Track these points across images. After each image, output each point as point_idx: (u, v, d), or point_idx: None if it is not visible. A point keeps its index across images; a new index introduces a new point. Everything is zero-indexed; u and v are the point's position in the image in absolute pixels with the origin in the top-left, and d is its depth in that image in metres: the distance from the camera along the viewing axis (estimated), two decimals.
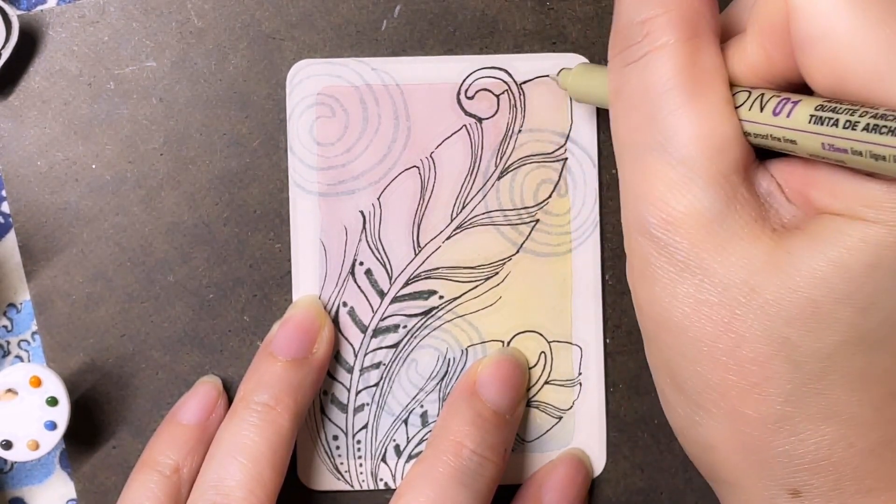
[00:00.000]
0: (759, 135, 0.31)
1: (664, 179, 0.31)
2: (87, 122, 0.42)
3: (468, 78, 0.42)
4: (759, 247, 0.30)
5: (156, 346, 0.43)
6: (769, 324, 0.29)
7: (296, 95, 0.42)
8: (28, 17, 0.42)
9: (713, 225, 0.30)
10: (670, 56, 0.31)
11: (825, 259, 0.29)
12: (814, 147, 0.28)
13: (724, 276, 0.30)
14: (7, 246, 0.43)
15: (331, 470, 0.43)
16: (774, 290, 0.29)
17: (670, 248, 0.31)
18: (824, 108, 0.28)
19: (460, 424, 0.39)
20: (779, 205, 0.31)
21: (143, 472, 0.40)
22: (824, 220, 0.29)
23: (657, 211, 0.31)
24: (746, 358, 0.30)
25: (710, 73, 0.31)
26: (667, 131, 0.31)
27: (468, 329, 0.43)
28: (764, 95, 0.31)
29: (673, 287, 0.31)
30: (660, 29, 0.32)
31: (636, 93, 0.32)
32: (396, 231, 0.42)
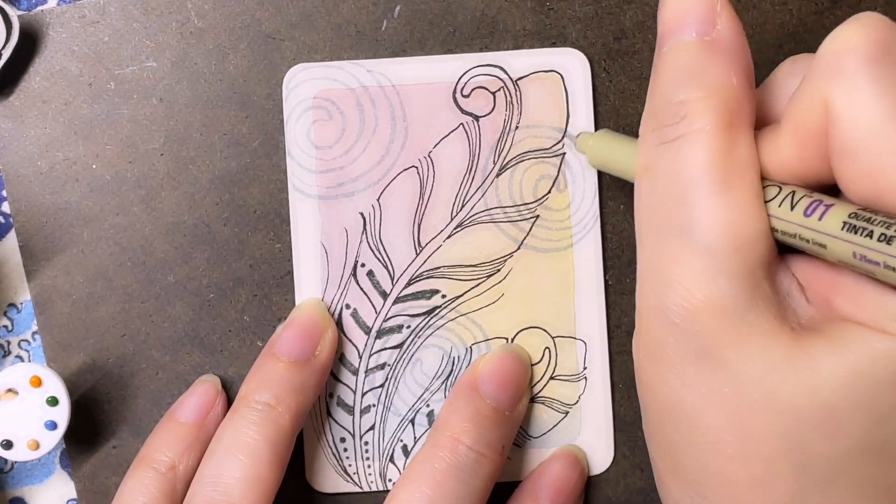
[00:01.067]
0: (787, 233, 0.30)
1: (688, 266, 0.30)
2: (88, 122, 0.42)
3: (463, 76, 0.42)
4: (778, 344, 0.29)
5: (156, 346, 0.43)
6: (782, 423, 0.29)
7: (292, 99, 0.42)
8: (28, 18, 0.42)
9: (734, 318, 0.30)
10: (707, 142, 0.31)
11: (847, 366, 0.28)
12: (844, 254, 0.28)
13: (741, 369, 0.30)
14: (7, 246, 0.43)
15: (339, 472, 0.43)
16: (791, 389, 0.29)
17: (688, 336, 0.30)
18: (859, 216, 0.28)
19: (458, 421, 0.39)
20: (797, 304, 0.31)
21: (140, 469, 0.40)
22: (848, 327, 0.29)
23: (678, 297, 0.30)
24: (754, 453, 0.30)
25: (743, 165, 0.31)
26: (696, 218, 0.30)
27: (472, 327, 0.43)
28: (795, 193, 0.30)
29: (685, 374, 0.31)
30: (699, 113, 0.31)
31: (667, 174, 0.31)
32: (397, 231, 0.42)
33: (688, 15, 0.32)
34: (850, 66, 0.29)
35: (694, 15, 0.32)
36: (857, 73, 0.28)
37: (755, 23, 0.42)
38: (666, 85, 0.32)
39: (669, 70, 0.32)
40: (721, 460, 0.30)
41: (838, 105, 0.29)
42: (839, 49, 0.29)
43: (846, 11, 0.42)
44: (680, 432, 0.31)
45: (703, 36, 0.32)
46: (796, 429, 0.29)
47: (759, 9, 0.42)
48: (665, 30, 0.33)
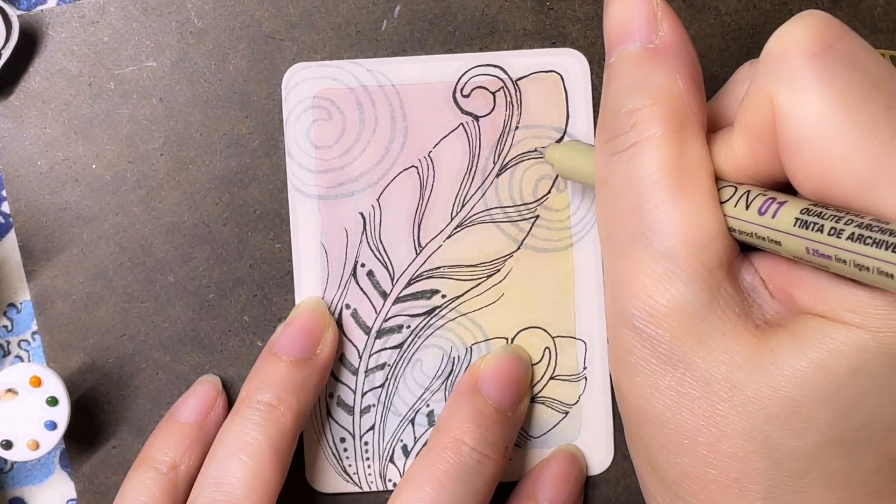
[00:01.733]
0: (743, 232, 0.30)
1: (647, 272, 0.31)
2: (88, 122, 0.42)
3: (463, 76, 0.42)
4: (741, 343, 0.30)
5: (156, 346, 0.43)
6: (749, 421, 0.29)
7: (292, 99, 0.42)
8: (28, 17, 0.42)
9: (696, 319, 0.30)
10: (657, 149, 0.31)
11: (807, 360, 0.29)
12: (798, 250, 0.28)
13: (706, 370, 0.30)
14: (7, 246, 0.43)
15: (339, 472, 0.43)
16: (756, 387, 0.29)
17: (653, 341, 0.31)
18: (810, 212, 0.28)
19: (461, 421, 0.39)
20: (762, 300, 0.31)
21: (141, 469, 0.40)
22: (807, 320, 0.29)
23: (640, 303, 0.31)
24: (726, 453, 0.30)
25: (696, 168, 0.31)
26: (651, 224, 0.31)
27: (472, 327, 0.43)
28: (750, 193, 0.30)
29: (654, 379, 0.31)
30: (647, 120, 0.31)
31: (622, 184, 0.32)
32: (397, 231, 0.42)
33: (630, 25, 0.33)
34: (792, 63, 0.29)
35: (636, 24, 0.33)
36: (800, 69, 0.29)
37: (755, 23, 0.42)
38: (614, 96, 0.33)
39: (617, 81, 0.33)
40: (695, 461, 0.31)
41: (783, 102, 0.29)
42: (782, 47, 0.29)
43: (846, 11, 0.42)
44: (654, 437, 0.32)
45: (647, 44, 0.33)
46: (764, 426, 0.29)
47: (759, 9, 0.42)
48: (610, 42, 0.33)
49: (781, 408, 0.29)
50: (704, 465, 0.30)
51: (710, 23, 0.42)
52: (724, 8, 0.42)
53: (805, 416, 0.29)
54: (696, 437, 0.30)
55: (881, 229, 0.26)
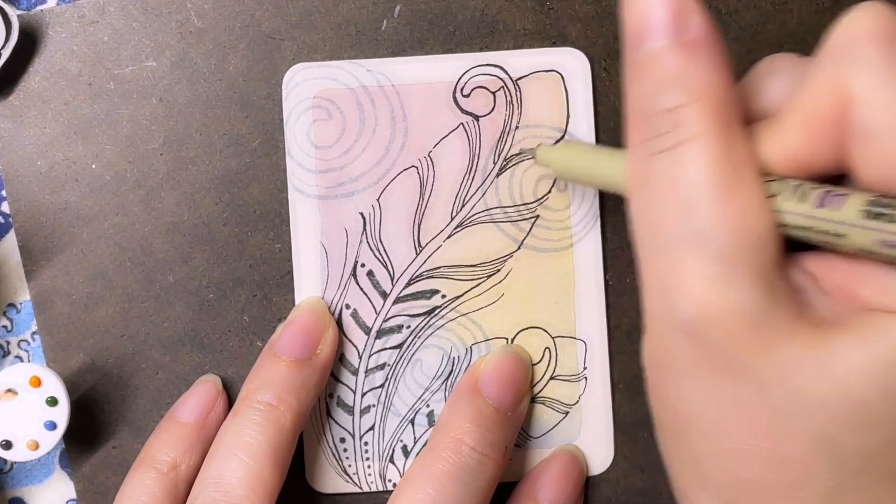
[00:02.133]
0: (798, 226, 0.29)
1: (702, 273, 0.29)
2: (87, 122, 0.42)
3: (463, 76, 0.42)
4: (802, 343, 0.29)
5: (156, 346, 0.43)
6: (813, 422, 0.28)
7: (292, 99, 0.42)
8: (28, 17, 0.42)
9: (755, 323, 0.29)
10: (707, 147, 0.30)
11: (874, 357, 0.28)
12: (866, 243, 0.28)
13: (766, 375, 0.29)
14: (7, 246, 0.43)
15: (339, 472, 0.43)
16: (821, 388, 0.28)
17: (709, 346, 0.30)
18: (880, 203, 0.27)
19: (461, 421, 0.39)
20: (814, 298, 0.30)
21: (141, 469, 0.40)
22: (873, 317, 0.28)
23: (693, 308, 0.29)
24: (788, 456, 0.29)
25: (744, 164, 0.30)
26: (705, 224, 0.29)
27: (472, 327, 0.43)
28: (804, 186, 0.29)
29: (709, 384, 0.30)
30: (691, 119, 0.30)
31: (668, 184, 0.30)
32: (397, 231, 0.42)
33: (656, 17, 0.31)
34: (866, 49, 0.28)
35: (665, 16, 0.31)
36: (875, 56, 0.28)
37: (755, 23, 0.42)
38: (649, 93, 0.31)
39: (650, 78, 0.31)
40: (753, 466, 0.30)
41: (857, 88, 0.28)
42: (851, 35, 0.29)
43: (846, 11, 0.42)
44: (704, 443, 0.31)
45: (679, 37, 0.31)
46: (828, 426, 0.28)
47: (760, 9, 0.42)
48: (635, 35, 0.32)
49: (847, 407, 0.28)
50: (763, 470, 0.30)
51: None
52: (723, 8, 0.42)
53: (873, 415, 0.28)
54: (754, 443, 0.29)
55: None
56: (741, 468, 0.30)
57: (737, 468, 0.30)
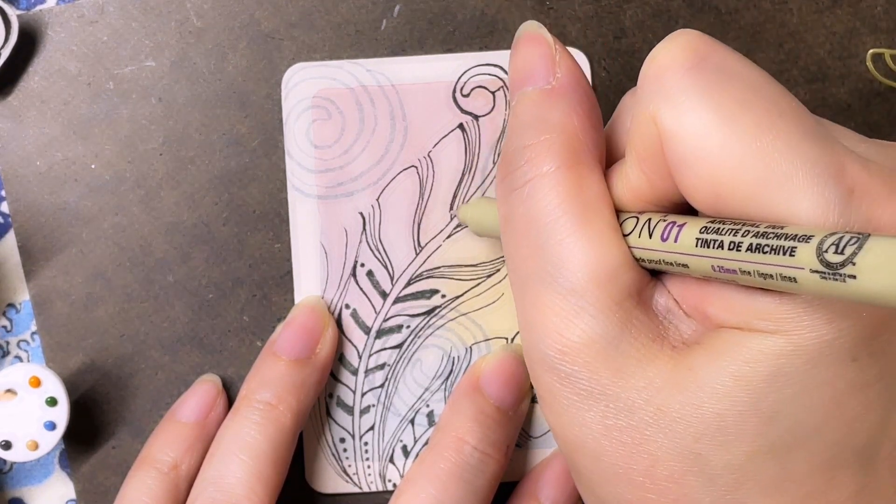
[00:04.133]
0: (651, 260, 0.30)
1: (556, 310, 0.30)
2: (87, 121, 0.42)
3: (463, 76, 0.42)
4: (658, 367, 0.30)
5: (155, 346, 0.43)
6: (679, 441, 0.29)
7: (291, 99, 0.42)
8: (27, 17, 0.42)
9: (609, 351, 0.30)
10: (554, 184, 0.31)
11: (726, 373, 0.28)
12: (705, 269, 0.28)
13: (628, 399, 0.30)
14: (6, 246, 0.43)
15: (339, 472, 0.43)
16: (679, 407, 0.29)
17: (571, 378, 0.30)
18: (708, 229, 0.28)
19: (462, 421, 0.39)
20: (679, 321, 0.31)
21: (141, 469, 0.40)
22: (722, 334, 0.29)
23: (552, 342, 0.30)
24: (662, 476, 0.30)
25: (594, 201, 0.31)
26: (555, 261, 0.31)
27: (472, 327, 0.43)
28: (651, 220, 0.30)
29: (580, 415, 0.31)
30: (541, 155, 0.32)
31: (521, 221, 0.32)
32: (397, 231, 0.42)
33: (531, 68, 0.34)
34: (668, 81, 0.29)
35: (536, 67, 0.34)
36: (677, 86, 0.29)
37: (755, 22, 0.42)
38: (513, 134, 0.33)
39: (516, 121, 0.33)
40: (633, 489, 0.30)
41: (665, 121, 0.29)
42: (657, 67, 0.29)
43: (846, 10, 0.42)
44: (592, 469, 0.31)
45: (545, 85, 0.33)
46: (694, 444, 0.29)
47: (760, 8, 0.42)
48: (513, 85, 0.34)
49: (707, 424, 0.29)
50: (643, 492, 0.30)
51: (710, 22, 0.42)
52: (724, 7, 0.42)
53: (732, 429, 0.28)
54: (631, 466, 0.30)
55: (776, 234, 0.26)
56: (625, 492, 0.31)
57: (622, 492, 0.31)
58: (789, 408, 0.28)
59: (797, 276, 0.25)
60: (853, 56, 0.43)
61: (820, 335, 0.27)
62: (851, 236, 0.24)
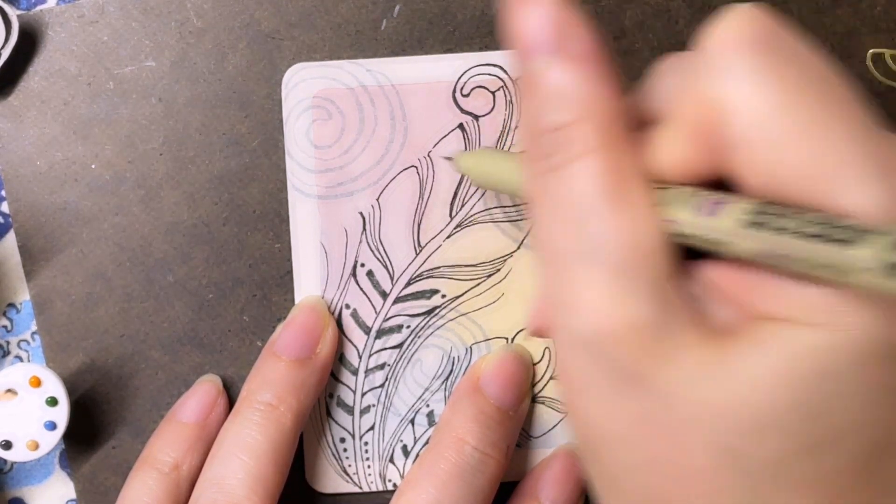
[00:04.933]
0: (688, 235, 0.29)
1: (596, 289, 0.29)
2: (87, 121, 0.42)
3: (463, 76, 0.42)
4: (698, 355, 0.28)
5: (155, 346, 0.43)
6: (715, 435, 0.28)
7: (291, 99, 0.42)
8: (27, 17, 0.42)
9: (651, 335, 0.29)
10: (593, 164, 0.30)
11: (769, 367, 0.27)
12: (748, 250, 0.27)
13: (667, 388, 0.29)
14: (7, 246, 0.43)
15: (339, 472, 0.43)
16: (719, 399, 0.28)
17: (608, 361, 0.29)
18: (759, 210, 0.27)
19: (463, 421, 0.39)
20: (713, 307, 0.30)
21: (143, 470, 0.40)
22: (766, 325, 0.28)
23: (591, 323, 0.29)
24: (694, 469, 0.29)
25: (632, 176, 0.30)
26: (595, 239, 0.29)
27: (472, 327, 0.43)
28: (692, 193, 0.29)
29: (613, 400, 0.30)
30: (578, 138, 0.30)
31: (559, 201, 0.30)
32: (397, 231, 0.42)
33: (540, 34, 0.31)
34: (735, 58, 0.28)
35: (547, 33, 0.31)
36: (743, 65, 0.28)
37: None
38: (538, 111, 0.31)
39: (537, 95, 0.31)
40: (663, 480, 0.29)
41: (728, 99, 0.28)
42: (722, 42, 0.28)
43: (846, 10, 0.42)
44: (619, 460, 0.30)
45: (562, 53, 0.31)
46: (731, 438, 0.28)
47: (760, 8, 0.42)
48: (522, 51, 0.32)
49: (745, 419, 0.28)
50: (672, 483, 0.29)
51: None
52: (724, 7, 0.42)
53: (773, 426, 0.28)
54: (662, 456, 0.29)
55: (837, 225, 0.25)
56: (651, 483, 0.30)
57: (647, 483, 0.30)
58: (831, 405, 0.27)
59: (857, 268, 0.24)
60: (853, 56, 0.43)
61: (870, 331, 0.27)
62: None
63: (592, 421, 0.30)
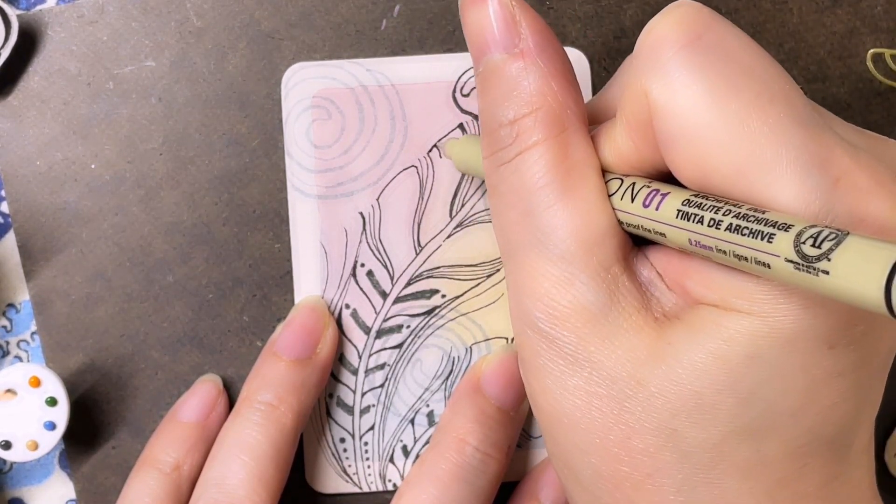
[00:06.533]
0: (631, 224, 0.30)
1: (546, 275, 0.31)
2: (87, 121, 0.42)
3: (463, 76, 0.42)
4: (642, 338, 0.30)
5: (155, 346, 0.43)
6: (656, 416, 0.29)
7: (291, 99, 0.42)
8: (27, 17, 0.42)
9: (598, 318, 0.30)
10: (542, 154, 0.31)
11: (704, 350, 0.28)
12: (682, 242, 0.28)
13: (612, 368, 0.30)
14: (6, 246, 0.43)
15: (339, 472, 0.43)
16: (658, 382, 0.29)
17: (558, 343, 0.31)
18: (690, 203, 0.28)
19: (463, 421, 0.39)
20: (660, 293, 0.31)
21: (143, 470, 0.40)
22: (702, 310, 0.29)
23: (543, 306, 0.31)
24: (637, 449, 0.30)
25: (581, 165, 0.31)
26: (544, 227, 0.31)
27: (472, 327, 0.43)
28: (635, 185, 0.30)
29: (563, 380, 0.31)
30: (529, 129, 0.31)
31: (512, 192, 0.32)
32: (397, 231, 0.42)
33: (490, 32, 0.32)
34: (663, 56, 0.29)
35: (496, 30, 0.32)
36: (671, 62, 0.29)
37: (755, 22, 0.42)
38: (491, 107, 0.32)
39: (490, 91, 0.33)
40: (608, 460, 0.30)
41: (656, 96, 0.29)
42: (653, 41, 0.29)
43: (846, 10, 0.42)
44: (568, 438, 0.31)
45: (511, 49, 0.32)
46: (671, 420, 0.29)
47: (759, 8, 0.42)
48: (474, 51, 0.33)
49: (684, 401, 0.29)
50: (617, 464, 0.30)
51: None
52: (723, 7, 0.42)
53: (708, 408, 0.28)
54: (607, 436, 0.30)
55: (757, 219, 0.26)
56: (599, 462, 0.31)
57: (595, 463, 0.31)
58: (765, 390, 0.28)
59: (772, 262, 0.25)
60: (853, 56, 0.43)
61: (796, 320, 0.27)
62: (831, 231, 0.24)
63: (546, 401, 0.32)
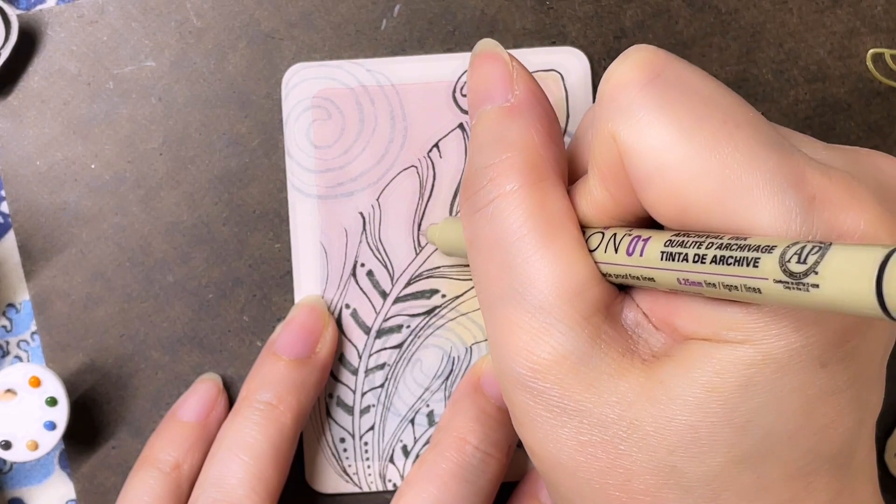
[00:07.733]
0: (618, 275, 0.30)
1: (525, 328, 0.30)
2: (86, 121, 0.42)
3: (463, 76, 0.42)
4: (629, 380, 0.30)
5: (155, 346, 0.43)
6: (653, 455, 0.29)
7: (291, 99, 0.42)
8: (27, 17, 0.42)
9: (580, 367, 0.30)
10: (518, 202, 0.31)
11: (697, 384, 0.28)
12: (671, 282, 0.28)
13: (600, 414, 0.30)
14: (6, 246, 0.43)
15: (339, 472, 0.43)
16: (652, 420, 0.29)
17: (544, 395, 0.30)
18: (672, 243, 0.28)
19: (464, 421, 0.39)
20: (648, 334, 0.31)
21: (143, 469, 0.40)
22: (692, 345, 0.29)
23: (524, 361, 0.30)
24: (638, 490, 0.30)
25: (559, 217, 0.31)
26: (522, 279, 0.31)
27: (472, 327, 0.43)
28: (616, 235, 0.30)
29: (554, 432, 0.31)
30: (503, 174, 0.32)
31: (487, 241, 0.32)
32: (397, 231, 0.42)
33: (489, 86, 0.34)
34: (625, 98, 0.29)
35: (494, 85, 0.34)
36: (634, 103, 0.29)
37: (755, 22, 0.42)
38: (474, 154, 0.33)
39: (476, 140, 0.33)
40: None
41: (624, 139, 0.29)
42: (613, 86, 0.30)
43: (846, 10, 0.42)
44: (568, 486, 0.31)
45: (503, 103, 0.33)
46: (668, 457, 0.29)
47: (760, 8, 0.42)
48: (472, 104, 0.34)
49: (681, 436, 0.29)
50: None
51: (710, 22, 0.42)
52: (723, 7, 0.42)
53: (705, 441, 0.28)
54: (606, 481, 0.30)
55: (739, 246, 0.26)
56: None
57: None
58: (761, 417, 0.28)
59: (761, 286, 0.25)
60: (853, 56, 0.43)
61: (788, 343, 0.28)
62: (814, 245, 0.24)
63: (541, 452, 0.31)
